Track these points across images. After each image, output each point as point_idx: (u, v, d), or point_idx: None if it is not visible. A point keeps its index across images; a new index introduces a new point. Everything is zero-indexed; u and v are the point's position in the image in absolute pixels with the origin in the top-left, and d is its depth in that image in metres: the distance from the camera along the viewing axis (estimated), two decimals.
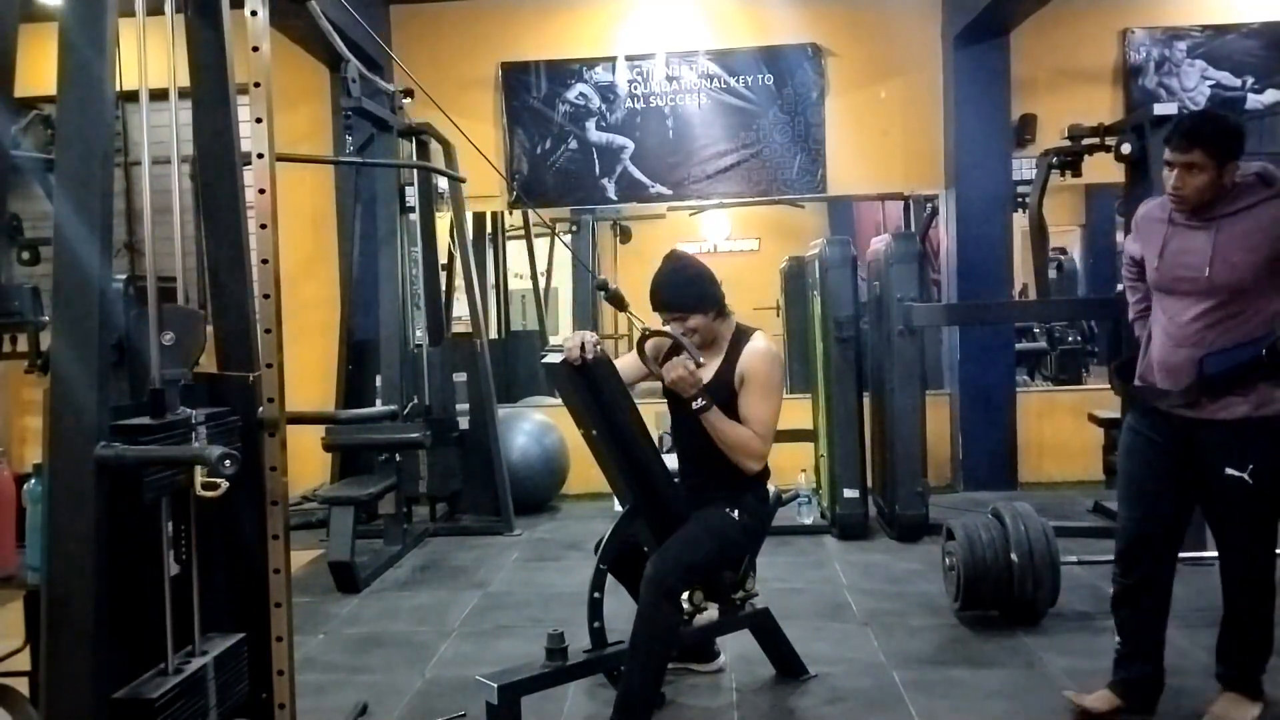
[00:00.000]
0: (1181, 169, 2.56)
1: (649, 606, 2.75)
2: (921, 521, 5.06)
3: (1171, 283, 2.67)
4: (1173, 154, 2.58)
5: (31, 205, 6.28)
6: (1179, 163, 2.57)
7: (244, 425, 2.14)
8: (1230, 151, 2.58)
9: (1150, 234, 2.74)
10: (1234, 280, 2.55)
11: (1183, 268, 2.62)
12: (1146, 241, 2.75)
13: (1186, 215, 2.63)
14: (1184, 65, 6.50)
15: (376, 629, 3.99)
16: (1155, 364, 2.72)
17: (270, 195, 2.12)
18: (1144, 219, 2.81)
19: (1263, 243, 2.54)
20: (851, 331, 5.15)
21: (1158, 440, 2.74)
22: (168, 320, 2.04)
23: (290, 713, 2.18)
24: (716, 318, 3.01)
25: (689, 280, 3.00)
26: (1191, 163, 2.55)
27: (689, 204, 7.45)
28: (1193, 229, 2.63)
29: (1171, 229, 2.67)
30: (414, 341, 5.70)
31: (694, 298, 2.97)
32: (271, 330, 2.12)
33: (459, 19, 6.71)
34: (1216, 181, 2.56)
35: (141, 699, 1.88)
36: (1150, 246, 2.73)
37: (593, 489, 6.10)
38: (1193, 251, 2.60)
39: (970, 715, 2.99)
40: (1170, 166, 2.60)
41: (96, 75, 1.89)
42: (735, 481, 2.98)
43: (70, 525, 1.81)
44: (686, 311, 2.96)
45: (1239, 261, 2.54)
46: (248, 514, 2.13)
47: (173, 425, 1.97)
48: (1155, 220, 2.75)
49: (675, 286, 2.99)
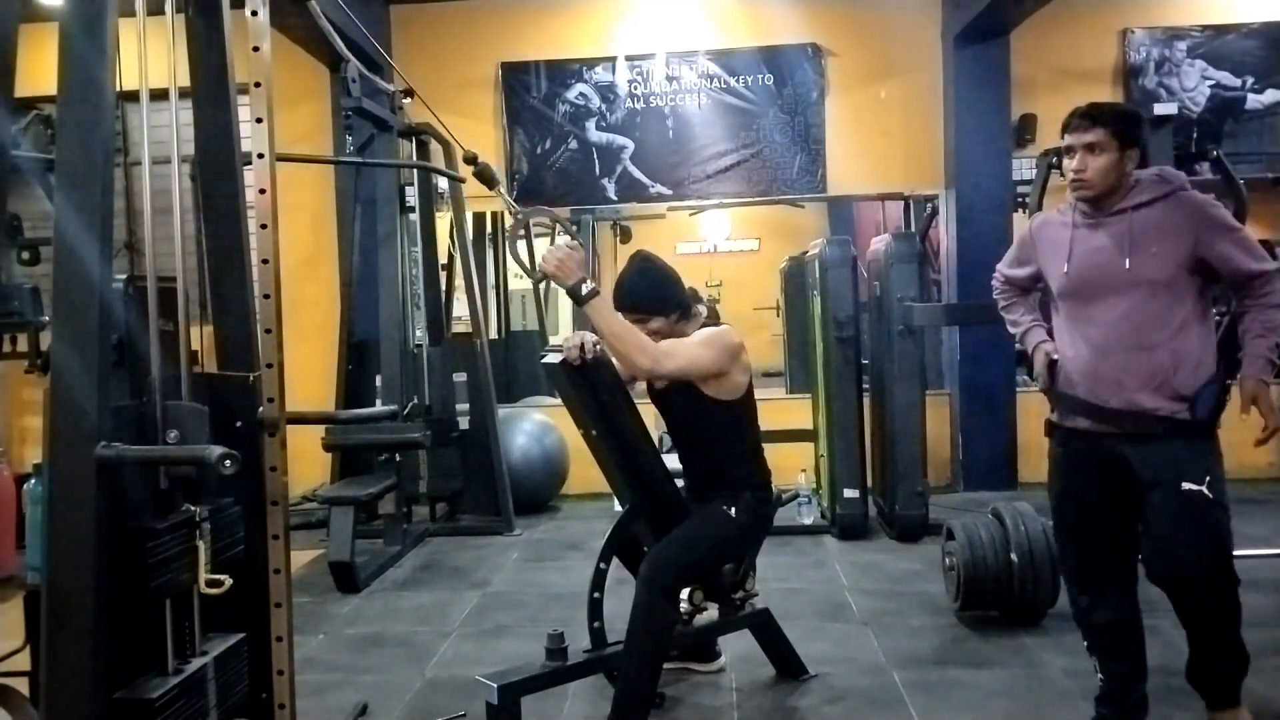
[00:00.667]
0: (1083, 151, 2.47)
1: (644, 604, 2.75)
2: (921, 521, 5.06)
3: (1086, 286, 2.54)
4: (1073, 136, 2.49)
5: (31, 205, 6.28)
6: (1080, 144, 2.48)
7: (244, 429, 2.14)
8: (1131, 135, 2.49)
9: (1052, 244, 2.63)
10: (1156, 272, 2.44)
11: (1097, 268, 2.51)
12: (1049, 255, 2.63)
13: (1092, 211, 2.53)
14: (1184, 65, 6.50)
15: (376, 629, 3.99)
16: (1076, 375, 2.57)
17: (270, 195, 2.12)
18: (1040, 233, 2.70)
19: (1185, 235, 2.43)
20: (851, 331, 5.16)
21: (1094, 455, 2.58)
22: (173, 417, 2.02)
23: (290, 713, 2.17)
24: (680, 320, 2.98)
25: (652, 283, 2.99)
26: (1093, 143, 2.46)
27: (689, 204, 7.45)
28: (1099, 227, 2.53)
29: (1076, 233, 2.56)
30: (414, 341, 5.71)
31: (656, 299, 2.96)
32: (271, 330, 2.12)
33: (459, 19, 6.71)
34: (1118, 165, 2.47)
35: (141, 699, 1.88)
36: (1054, 257, 2.60)
37: (593, 489, 6.09)
38: (1104, 249, 2.50)
39: (970, 715, 2.99)
40: (1070, 153, 2.50)
41: (96, 75, 1.89)
42: (734, 479, 2.97)
43: (70, 525, 1.81)
44: (648, 313, 2.93)
45: (1160, 252, 2.44)
46: (247, 514, 2.13)
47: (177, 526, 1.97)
48: (1056, 228, 2.64)
49: (638, 288, 2.97)
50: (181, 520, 1.98)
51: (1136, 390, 2.48)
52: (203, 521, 2.02)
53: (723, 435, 2.98)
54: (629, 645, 2.77)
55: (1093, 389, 2.53)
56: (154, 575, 1.88)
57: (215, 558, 2.01)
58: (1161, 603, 2.74)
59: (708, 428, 2.98)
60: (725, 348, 2.90)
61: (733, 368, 2.92)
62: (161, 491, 1.98)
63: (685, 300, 3.02)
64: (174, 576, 1.94)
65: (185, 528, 1.98)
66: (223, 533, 2.06)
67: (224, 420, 2.11)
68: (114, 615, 1.84)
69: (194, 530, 2.00)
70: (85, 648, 1.80)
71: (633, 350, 2.74)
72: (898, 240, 5.32)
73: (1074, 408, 2.59)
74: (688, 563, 2.85)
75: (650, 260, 3.09)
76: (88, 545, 1.80)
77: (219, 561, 2.02)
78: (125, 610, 1.88)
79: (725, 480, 2.97)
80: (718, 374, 2.89)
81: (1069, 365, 2.58)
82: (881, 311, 5.28)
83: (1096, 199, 2.50)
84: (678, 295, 3.00)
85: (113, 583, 1.83)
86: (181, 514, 1.99)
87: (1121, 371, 2.48)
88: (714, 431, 2.98)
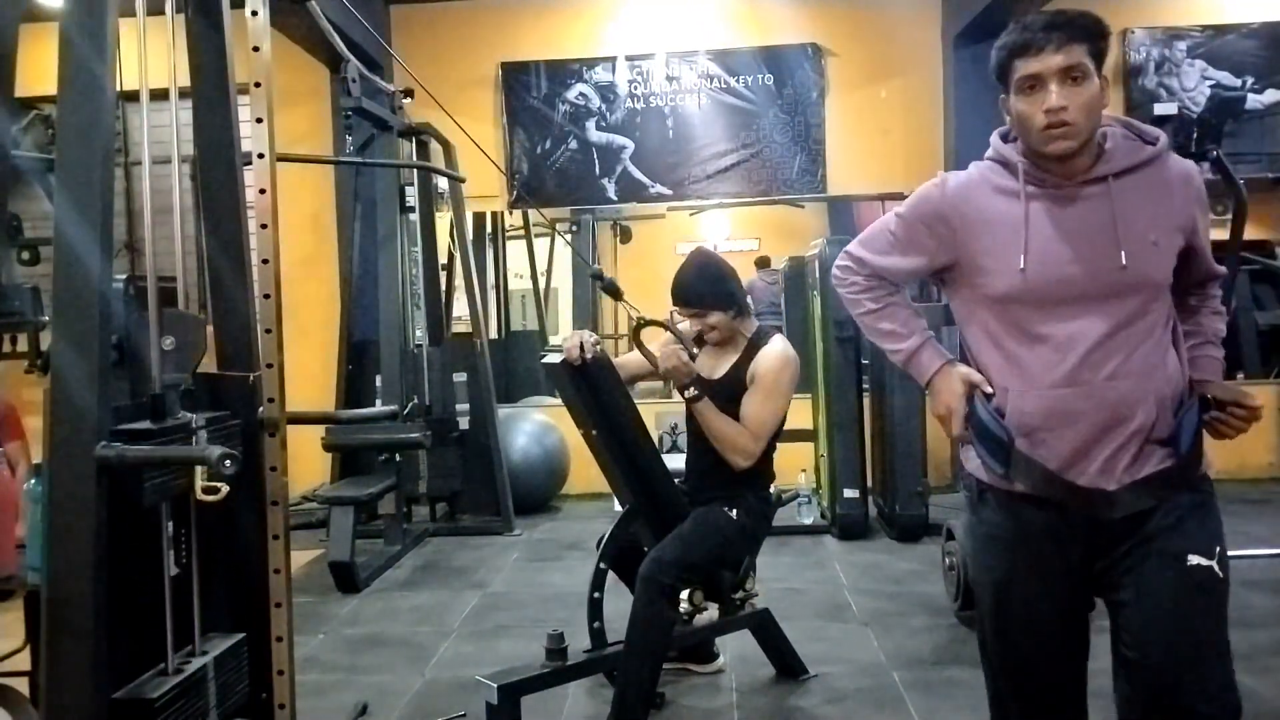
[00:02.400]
0: (1058, 81, 1.64)
1: (642, 604, 2.75)
2: (921, 521, 5.06)
3: (1055, 289, 1.69)
4: (1038, 60, 1.65)
5: (31, 205, 6.28)
6: (1051, 71, 1.64)
7: (244, 425, 2.14)
8: (1103, 56, 1.71)
9: (988, 225, 1.74)
10: (1158, 271, 1.71)
11: (1074, 262, 1.69)
12: (986, 240, 1.74)
13: (1054, 177, 1.71)
14: (1184, 65, 6.50)
15: (376, 629, 3.99)
16: (1023, 419, 1.72)
17: (270, 195, 2.12)
18: (964, 205, 1.77)
19: (1182, 216, 1.73)
20: (851, 331, 5.15)
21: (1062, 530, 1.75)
22: (168, 325, 2.04)
23: (290, 713, 2.17)
24: (736, 316, 3.01)
25: (712, 278, 3.00)
26: (1071, 67, 1.64)
27: (689, 204, 7.45)
28: (1069, 202, 1.71)
29: (1033, 208, 1.71)
30: (414, 341, 5.70)
31: (715, 295, 2.98)
32: (271, 330, 2.12)
33: (459, 19, 6.71)
34: (1100, 101, 1.68)
35: (141, 699, 1.88)
36: (996, 244, 1.73)
37: (593, 489, 6.09)
38: (1085, 235, 1.69)
39: (970, 715, 2.98)
40: (1033, 84, 1.66)
41: (96, 75, 1.89)
42: (736, 480, 2.97)
43: (70, 525, 1.81)
44: (706, 308, 2.97)
45: (1160, 242, 1.70)
46: (248, 514, 2.13)
47: (173, 430, 1.97)
48: (993, 198, 1.75)
49: (697, 283, 2.99)
50: (177, 425, 1.98)
51: (1140, 445, 1.69)
52: (199, 429, 2.02)
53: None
54: (628, 645, 2.78)
55: (1049, 442, 1.71)
56: (150, 479, 1.87)
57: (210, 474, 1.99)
58: None
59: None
60: (793, 382, 2.99)
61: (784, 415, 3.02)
62: (156, 397, 1.98)
63: (742, 297, 3.06)
64: (169, 481, 1.93)
65: (180, 432, 1.98)
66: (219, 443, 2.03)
67: (224, 420, 2.12)
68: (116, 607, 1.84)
69: (189, 436, 2.00)
70: (85, 648, 1.80)
71: (731, 451, 2.91)
72: None
73: (1034, 472, 1.73)
74: (687, 563, 2.85)
75: (709, 257, 3.13)
76: (88, 545, 1.80)
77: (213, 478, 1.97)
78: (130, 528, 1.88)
79: (729, 480, 2.97)
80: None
81: (1016, 405, 1.73)
82: None
83: (1072, 156, 1.69)
84: (736, 292, 3.03)
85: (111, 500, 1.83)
86: (177, 419, 1.99)
87: (1114, 419, 1.68)
88: None
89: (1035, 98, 1.67)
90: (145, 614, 1.97)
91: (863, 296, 1.94)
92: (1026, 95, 1.68)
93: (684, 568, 2.84)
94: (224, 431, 2.09)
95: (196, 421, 2.03)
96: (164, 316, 2.04)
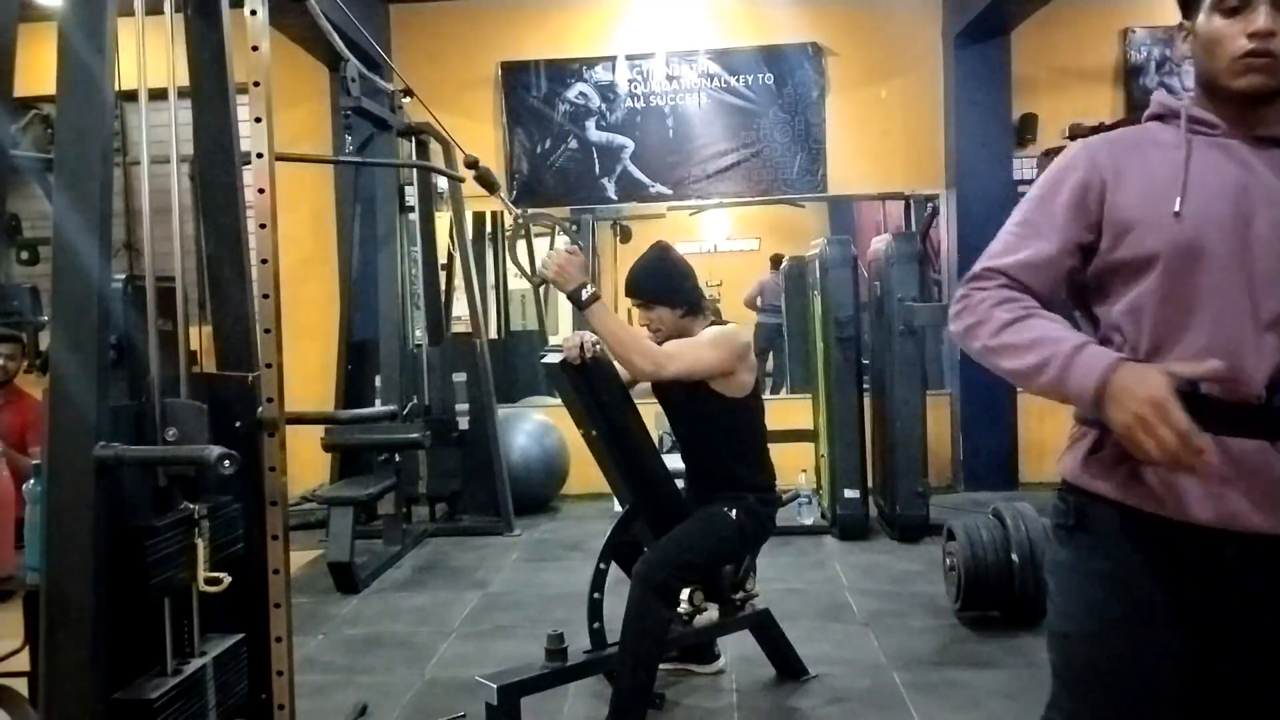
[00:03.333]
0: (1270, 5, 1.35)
1: (638, 603, 2.73)
2: (922, 522, 5.06)
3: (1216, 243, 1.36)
4: None
5: (31, 205, 6.28)
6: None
7: (244, 430, 2.13)
8: None
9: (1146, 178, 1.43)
10: None
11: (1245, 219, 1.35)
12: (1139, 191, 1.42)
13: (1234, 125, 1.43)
14: (1184, 65, 6.49)
15: (376, 629, 3.99)
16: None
17: (270, 195, 2.12)
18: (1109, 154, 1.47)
19: None
20: (851, 331, 5.15)
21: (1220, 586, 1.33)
22: (171, 415, 2.02)
23: (290, 713, 2.17)
24: (685, 315, 2.95)
25: (662, 273, 2.97)
26: None
27: (689, 204, 7.45)
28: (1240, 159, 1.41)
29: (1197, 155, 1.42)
30: (414, 341, 5.71)
31: (662, 290, 2.94)
32: (271, 330, 2.12)
33: (459, 19, 6.71)
34: None
35: (141, 699, 1.88)
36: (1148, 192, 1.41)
37: (593, 489, 6.09)
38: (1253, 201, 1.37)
39: (970, 715, 2.98)
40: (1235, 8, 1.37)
41: (96, 75, 1.88)
42: (737, 479, 2.96)
43: (70, 525, 1.81)
44: (650, 301, 2.93)
45: None
46: (247, 514, 2.13)
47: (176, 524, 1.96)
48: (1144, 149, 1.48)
49: (646, 276, 2.97)
50: (180, 518, 1.98)
51: None
52: (201, 519, 2.01)
53: (726, 433, 2.96)
54: (623, 644, 2.76)
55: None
56: (153, 574, 1.87)
57: (214, 555, 2.00)
58: None
59: (711, 425, 2.96)
60: (731, 348, 2.88)
61: (739, 367, 2.90)
62: (160, 489, 1.98)
63: (696, 297, 2.99)
64: (173, 574, 1.93)
65: (184, 525, 1.98)
66: (221, 530, 2.05)
67: (223, 420, 2.11)
68: (114, 616, 1.84)
69: (193, 528, 1.99)
70: (85, 648, 1.80)
71: (634, 354, 2.74)
72: (898, 240, 5.32)
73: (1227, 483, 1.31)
74: (684, 563, 2.83)
75: (667, 251, 3.08)
76: (87, 545, 1.80)
77: (218, 560, 2.01)
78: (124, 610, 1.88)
79: (728, 480, 2.96)
80: (724, 374, 2.88)
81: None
82: (881, 311, 5.27)
83: (1263, 100, 1.41)
84: (687, 290, 2.97)
85: (112, 581, 1.83)
86: (180, 511, 1.99)
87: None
88: (717, 429, 2.96)
89: (1238, 20, 1.37)
90: (145, 614, 1.96)
91: (996, 310, 1.42)
92: (1226, 15, 1.39)
93: (680, 567, 2.82)
94: (225, 518, 2.09)
95: (199, 511, 2.02)
96: (166, 407, 2.01)
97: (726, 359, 2.87)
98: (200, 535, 2.00)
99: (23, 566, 2.04)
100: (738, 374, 2.90)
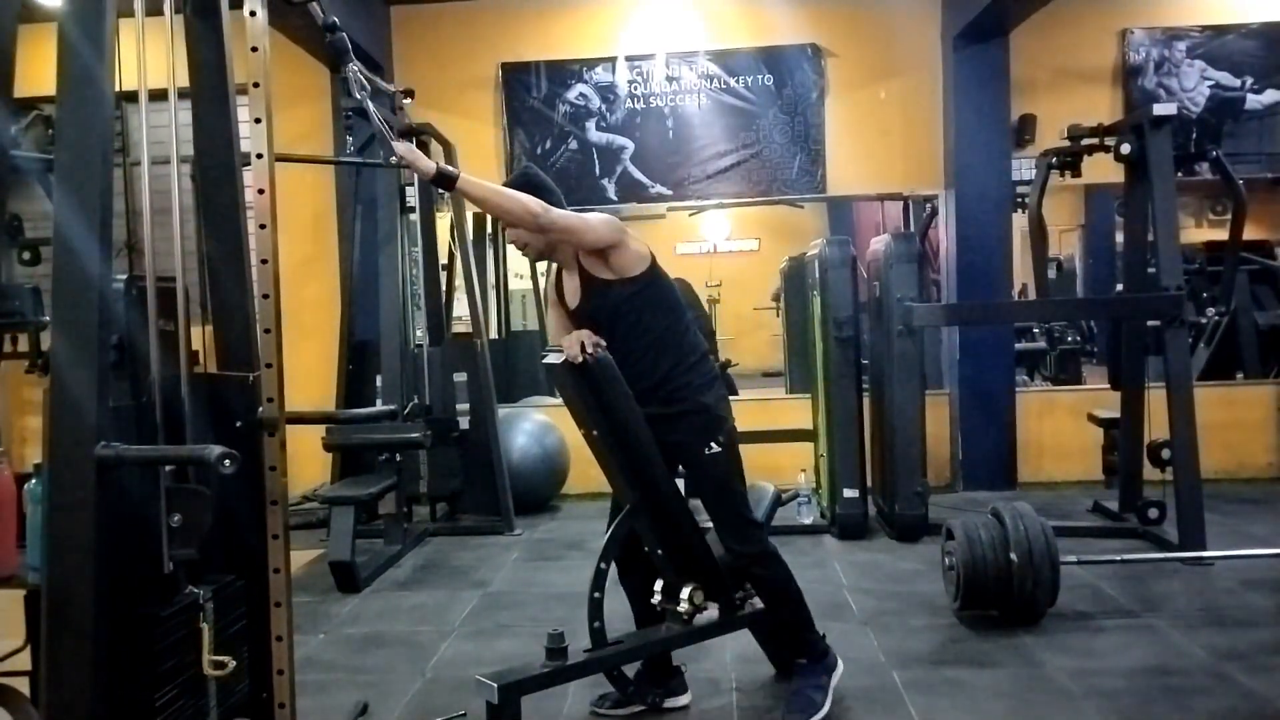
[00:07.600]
0: None
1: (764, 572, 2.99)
2: (921, 521, 5.06)
3: None
4: None
5: (31, 205, 6.28)
6: None
7: (244, 430, 2.14)
8: None
9: None
10: None
11: None
12: None
13: None
14: (1183, 65, 6.50)
15: (376, 629, 4.00)
16: None
17: (270, 195, 2.12)
18: None
19: None
20: (851, 331, 5.16)
21: None
22: (175, 501, 2.02)
23: (290, 712, 2.18)
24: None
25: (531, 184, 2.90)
26: None
27: (689, 204, 7.45)
28: None
29: None
30: (414, 341, 5.71)
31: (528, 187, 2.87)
32: (271, 330, 2.12)
33: (459, 19, 6.71)
34: None
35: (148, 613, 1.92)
36: None
37: (593, 489, 6.08)
38: None
39: (970, 715, 2.99)
40: None
41: (96, 75, 1.89)
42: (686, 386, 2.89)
43: (70, 525, 1.82)
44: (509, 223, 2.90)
45: None
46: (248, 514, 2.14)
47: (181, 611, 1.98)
48: None
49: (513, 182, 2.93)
50: (186, 605, 2.00)
51: None
52: (206, 603, 2.04)
53: (654, 331, 2.89)
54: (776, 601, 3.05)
55: None
56: (160, 662, 1.90)
57: (218, 635, 2.03)
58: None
59: (635, 325, 2.87)
60: (607, 219, 2.86)
61: (624, 238, 2.85)
62: (165, 576, 1.99)
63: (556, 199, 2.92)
64: (179, 661, 1.95)
65: (189, 612, 2.00)
66: (225, 610, 2.08)
67: (224, 420, 2.12)
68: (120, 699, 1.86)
69: (198, 614, 2.02)
70: (85, 648, 1.80)
71: (518, 208, 2.72)
72: (898, 240, 5.32)
73: None
74: (743, 518, 3.00)
75: (524, 171, 3.08)
76: (87, 545, 1.80)
77: (222, 639, 2.04)
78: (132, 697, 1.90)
79: (679, 391, 2.89)
80: (611, 244, 2.82)
81: None
82: (881, 311, 5.28)
83: None
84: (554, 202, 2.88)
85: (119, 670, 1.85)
86: (186, 597, 2.01)
87: None
88: (643, 328, 2.87)
89: None
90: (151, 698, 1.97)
91: None
92: None
93: (746, 521, 3.00)
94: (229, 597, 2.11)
95: (204, 596, 2.04)
96: (170, 493, 2.01)
97: (605, 229, 2.83)
98: (205, 620, 2.02)
99: (25, 566, 2.05)
100: (626, 243, 2.85)
